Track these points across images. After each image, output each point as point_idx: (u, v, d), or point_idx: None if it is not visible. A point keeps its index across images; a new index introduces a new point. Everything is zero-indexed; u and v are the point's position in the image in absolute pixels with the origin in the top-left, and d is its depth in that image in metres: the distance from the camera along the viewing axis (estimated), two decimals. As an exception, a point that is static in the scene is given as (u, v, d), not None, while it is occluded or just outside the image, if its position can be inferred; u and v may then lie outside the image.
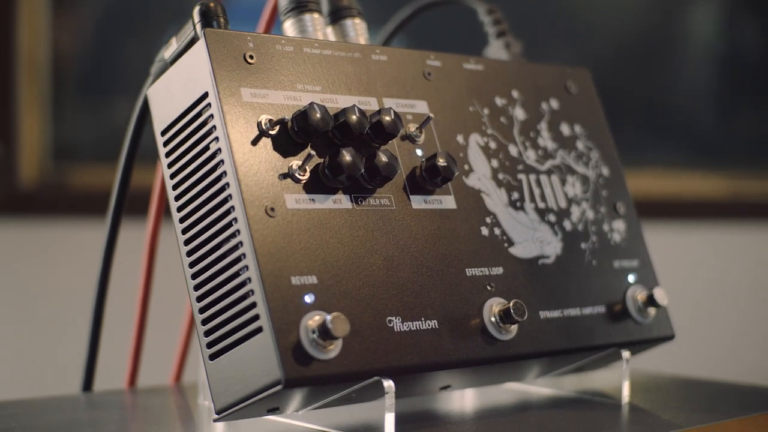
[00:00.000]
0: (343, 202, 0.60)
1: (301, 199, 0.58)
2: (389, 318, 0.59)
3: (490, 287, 0.64)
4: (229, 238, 0.57)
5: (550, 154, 0.72)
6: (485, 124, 0.69)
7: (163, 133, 0.62)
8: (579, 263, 0.70)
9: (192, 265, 0.60)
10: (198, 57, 0.59)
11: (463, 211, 0.65)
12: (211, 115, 0.58)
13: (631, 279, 0.72)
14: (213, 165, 0.58)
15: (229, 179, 0.57)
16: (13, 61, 1.75)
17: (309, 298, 0.56)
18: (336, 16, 0.70)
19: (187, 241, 0.60)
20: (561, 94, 0.75)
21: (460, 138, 0.68)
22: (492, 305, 0.63)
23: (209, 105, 0.59)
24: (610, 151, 0.76)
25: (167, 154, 0.62)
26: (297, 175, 0.59)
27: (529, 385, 0.75)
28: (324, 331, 0.55)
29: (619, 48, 2.25)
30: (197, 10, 0.62)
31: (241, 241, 0.56)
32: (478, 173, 0.67)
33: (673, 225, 2.11)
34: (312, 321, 0.55)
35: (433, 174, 0.63)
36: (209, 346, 0.58)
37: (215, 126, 0.58)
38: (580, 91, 0.76)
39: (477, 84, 0.70)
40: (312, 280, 0.57)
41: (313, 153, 0.59)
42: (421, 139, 0.65)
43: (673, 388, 0.79)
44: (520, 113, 0.72)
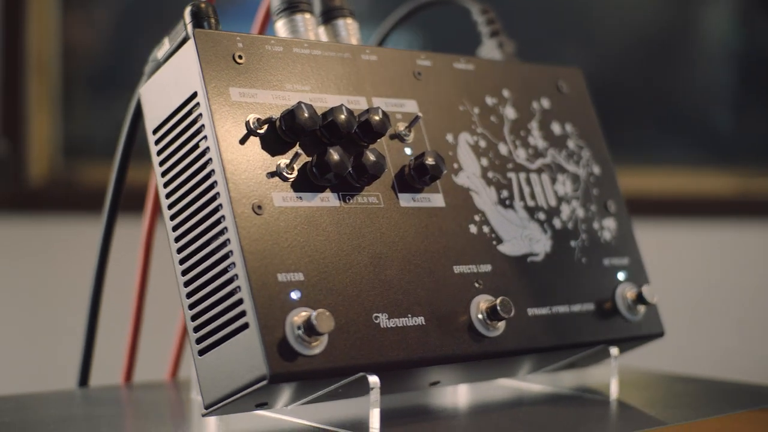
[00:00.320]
0: (331, 200, 0.61)
1: (288, 197, 0.59)
2: (375, 314, 0.60)
3: (478, 284, 0.65)
4: (217, 235, 0.58)
5: (541, 153, 0.73)
6: (475, 123, 0.70)
7: (154, 131, 0.63)
8: (568, 261, 0.70)
9: (182, 262, 0.61)
10: (188, 57, 0.60)
11: (452, 209, 0.66)
12: (200, 114, 0.59)
13: (621, 277, 0.73)
14: (202, 163, 0.59)
15: (217, 177, 0.58)
16: (23, 58, 1.76)
17: (295, 295, 0.57)
18: (328, 17, 0.70)
19: (177, 239, 0.61)
20: (552, 93, 0.76)
21: (449, 137, 0.68)
22: (479, 302, 0.64)
23: (198, 104, 0.60)
24: (601, 150, 0.77)
25: (158, 152, 0.63)
26: (285, 173, 0.59)
27: (520, 382, 0.75)
28: (309, 327, 0.56)
29: (632, 46, 2.25)
30: (188, 10, 0.63)
31: (229, 239, 0.57)
32: (468, 172, 0.68)
33: (685, 223, 2.11)
34: (298, 317, 0.56)
35: (421, 172, 0.64)
36: (198, 341, 0.59)
37: (204, 125, 0.59)
38: (571, 91, 0.77)
39: (467, 83, 0.71)
40: (298, 277, 0.58)
41: (300, 152, 0.60)
42: (410, 138, 0.66)
43: (663, 385, 0.80)
44: (510, 112, 0.72)
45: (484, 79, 0.72)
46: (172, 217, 0.61)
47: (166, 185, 0.62)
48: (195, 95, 0.60)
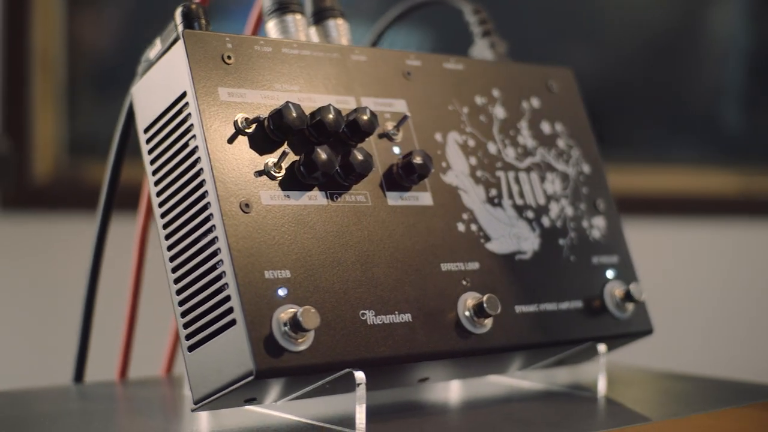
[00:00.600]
0: (319, 198, 0.62)
1: (276, 196, 0.60)
2: (362, 311, 0.60)
3: (465, 282, 0.66)
4: (205, 233, 0.59)
5: (530, 152, 0.74)
6: (464, 122, 0.71)
7: (145, 131, 0.64)
8: (557, 259, 0.71)
9: (172, 259, 0.62)
10: (177, 57, 0.61)
11: (440, 208, 0.67)
12: (189, 113, 0.60)
13: (609, 275, 0.73)
14: (191, 162, 0.60)
15: (205, 176, 0.59)
16: (28, 57, 1.77)
17: (282, 292, 0.58)
18: (319, 17, 0.71)
19: (167, 236, 0.62)
20: (542, 93, 0.76)
21: (438, 136, 0.69)
22: (467, 299, 0.65)
23: (187, 104, 0.60)
24: (590, 149, 0.77)
25: (149, 151, 0.64)
26: (272, 172, 0.60)
27: (510, 379, 0.76)
28: (295, 324, 0.56)
29: (641, 45, 2.25)
30: (179, 11, 0.64)
31: (217, 237, 0.58)
32: (456, 170, 0.69)
33: (696, 221, 2.12)
34: (284, 314, 0.57)
35: (409, 171, 0.65)
36: (188, 338, 0.60)
37: (193, 124, 0.60)
38: (562, 90, 0.78)
39: (457, 83, 0.72)
40: (285, 274, 0.59)
41: (288, 150, 0.61)
42: (398, 138, 0.67)
43: (652, 382, 0.81)
44: (500, 112, 0.73)
45: (474, 78, 0.73)
46: (163, 215, 0.62)
47: (156, 184, 0.63)
48: (184, 95, 0.61)
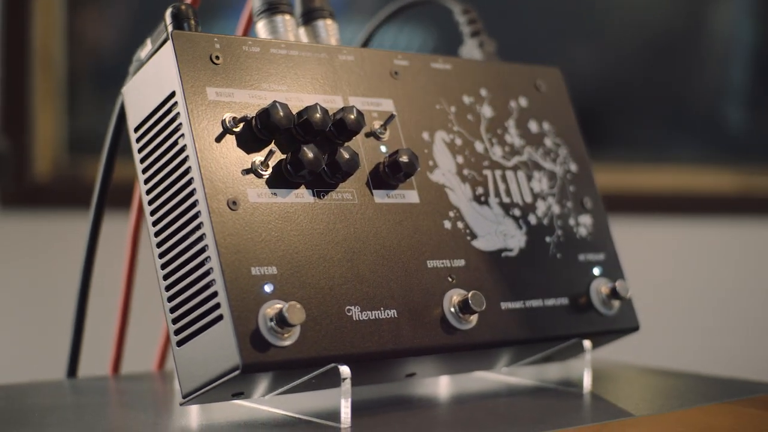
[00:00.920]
0: (305, 196, 0.63)
1: (263, 194, 0.61)
2: (348, 307, 0.61)
3: (451, 279, 0.67)
4: (194, 230, 0.60)
5: (517, 151, 0.74)
6: (452, 121, 0.72)
7: (136, 129, 0.65)
8: (543, 256, 0.72)
9: (161, 256, 0.63)
10: (166, 58, 0.62)
11: (427, 206, 0.68)
12: (178, 113, 0.61)
13: (596, 272, 0.74)
14: (179, 161, 0.61)
15: (193, 174, 0.60)
16: (28, 55, 1.78)
17: (268, 288, 0.59)
18: (308, 18, 0.72)
19: (156, 233, 0.63)
20: (530, 92, 0.77)
21: (425, 135, 0.70)
22: (452, 296, 0.66)
23: (176, 103, 0.61)
24: (578, 148, 0.78)
25: (139, 150, 0.65)
26: (259, 170, 0.61)
27: (498, 375, 0.77)
28: (281, 319, 0.57)
29: (643, 44, 2.26)
30: (169, 12, 0.65)
31: (205, 233, 0.59)
32: (443, 169, 0.70)
33: (692, 220, 2.13)
34: (270, 309, 0.58)
35: (395, 169, 0.66)
36: (176, 333, 0.61)
37: (181, 123, 0.61)
38: (550, 90, 0.79)
39: (444, 82, 0.73)
40: (272, 270, 0.60)
41: (275, 149, 0.62)
42: (385, 136, 0.68)
43: (639, 378, 0.81)
44: (487, 111, 0.74)
45: (462, 78, 0.74)
46: (152, 213, 0.63)
47: (146, 182, 0.64)
48: (173, 95, 0.62)
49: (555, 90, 0.79)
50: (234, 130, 0.61)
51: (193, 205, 0.60)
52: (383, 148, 0.67)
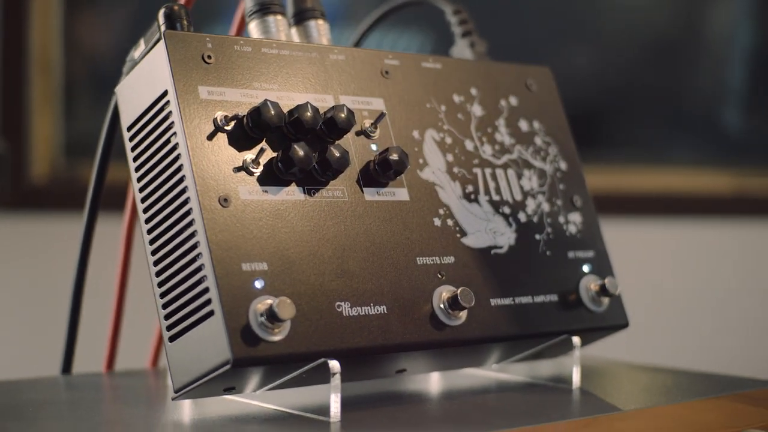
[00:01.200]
0: (296, 193, 0.63)
1: (254, 191, 0.62)
2: (338, 303, 0.62)
3: (440, 275, 0.67)
4: (185, 227, 0.61)
5: (507, 149, 0.75)
6: (442, 120, 0.73)
7: (129, 128, 0.66)
8: (533, 253, 0.73)
9: (153, 252, 0.63)
10: (159, 57, 0.63)
11: (416, 203, 0.68)
12: (170, 111, 0.62)
13: (585, 269, 0.75)
14: (172, 158, 0.62)
15: (185, 172, 0.61)
16: (26, 58, 1.79)
17: (259, 284, 0.60)
18: (299, 18, 0.73)
19: (149, 231, 0.64)
20: (521, 91, 0.78)
21: (415, 133, 0.71)
22: (442, 292, 0.66)
23: (168, 102, 0.62)
24: (568, 146, 0.79)
25: (132, 148, 0.66)
26: (251, 168, 0.62)
27: (488, 371, 0.78)
28: (271, 315, 0.58)
29: (641, 46, 2.27)
30: (162, 12, 0.66)
31: (196, 230, 0.60)
32: (433, 167, 0.71)
33: (692, 220, 2.14)
34: (261, 305, 0.59)
35: (385, 167, 0.67)
36: (168, 328, 0.62)
37: (174, 122, 0.62)
38: (540, 89, 0.79)
39: (435, 82, 0.74)
40: (262, 266, 0.60)
41: (266, 147, 0.63)
42: (376, 135, 0.69)
43: (629, 375, 0.82)
44: (477, 110, 0.75)
45: (452, 77, 0.75)
46: (145, 210, 0.64)
47: (139, 180, 0.65)
48: (165, 93, 0.63)
49: (545, 89, 0.80)
50: (225, 128, 0.62)
51: (185, 202, 0.61)
52: (373, 147, 0.68)
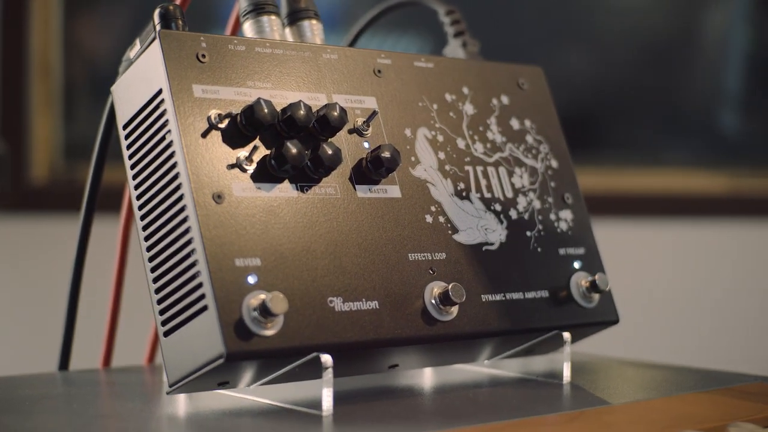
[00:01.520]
0: (289, 190, 0.64)
1: (247, 188, 0.63)
2: (330, 298, 0.63)
3: (432, 271, 0.68)
4: (180, 223, 0.62)
5: (499, 147, 0.76)
6: (434, 118, 0.74)
7: (124, 127, 0.67)
8: (524, 250, 0.74)
9: (149, 249, 0.64)
10: (154, 56, 0.64)
11: (408, 200, 0.69)
12: (165, 109, 0.63)
13: (576, 266, 0.76)
14: (166, 156, 0.63)
15: (179, 169, 0.62)
16: (26, 61, 1.80)
17: (252, 279, 0.61)
18: (293, 18, 0.74)
19: (144, 227, 0.65)
20: (512, 90, 0.79)
21: (408, 131, 0.72)
22: (433, 288, 0.67)
23: (163, 100, 0.63)
24: (559, 145, 0.80)
25: (128, 146, 0.67)
26: (244, 165, 0.63)
27: (482, 367, 0.78)
28: (264, 309, 0.59)
29: (638, 48, 2.27)
30: (157, 12, 0.67)
31: (190, 226, 0.61)
32: (425, 164, 0.72)
33: (687, 221, 2.15)
34: (254, 300, 0.60)
35: (377, 165, 0.68)
36: (163, 323, 0.63)
37: (168, 120, 0.63)
38: (531, 88, 0.80)
39: (427, 81, 0.74)
40: (255, 262, 0.61)
41: (259, 145, 0.63)
42: (368, 133, 0.70)
43: (621, 370, 0.83)
44: (469, 108, 0.76)
45: (444, 76, 0.76)
46: (140, 207, 0.65)
47: (134, 177, 0.66)
48: (160, 92, 0.64)
49: (537, 88, 0.81)
50: (219, 126, 0.63)
51: (180, 198, 0.62)
52: (366, 144, 0.69)
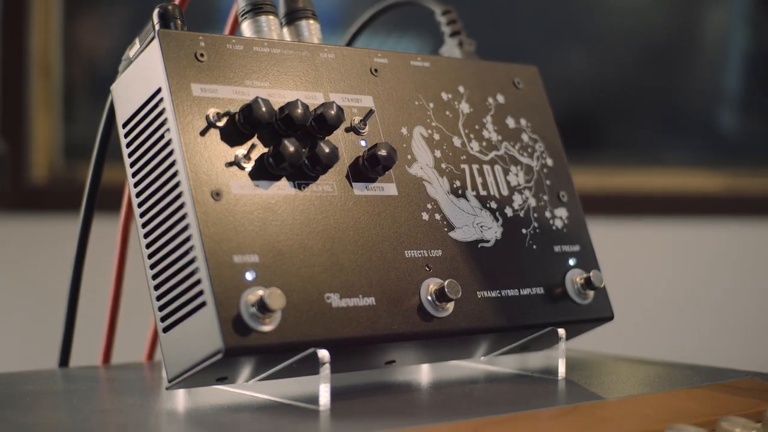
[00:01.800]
0: (287, 188, 0.65)
1: (245, 185, 0.64)
2: (327, 294, 0.64)
3: (428, 268, 0.69)
4: (179, 220, 0.63)
5: (495, 146, 0.77)
6: (430, 117, 0.74)
7: (124, 125, 0.68)
8: (519, 247, 0.75)
9: (148, 246, 0.65)
10: (153, 55, 0.65)
11: (405, 198, 0.70)
12: (164, 108, 0.64)
13: (571, 263, 0.77)
14: (165, 154, 0.64)
15: (178, 166, 0.63)
16: (26, 61, 1.81)
17: (250, 275, 0.61)
18: (291, 18, 0.75)
19: (143, 225, 0.66)
20: (508, 89, 0.80)
21: (404, 130, 0.73)
22: (429, 284, 0.68)
23: (162, 99, 0.64)
24: (555, 143, 0.81)
25: (128, 144, 0.67)
26: (242, 163, 0.64)
27: (479, 364, 0.79)
28: (262, 305, 0.60)
29: (638, 48, 2.28)
30: (156, 12, 0.68)
31: (189, 223, 0.62)
32: (421, 162, 0.72)
33: (686, 220, 2.16)
34: (252, 296, 0.61)
35: (373, 163, 0.68)
36: (162, 319, 0.64)
37: (167, 118, 0.64)
38: (527, 87, 0.81)
39: (423, 80, 0.75)
40: (253, 258, 0.62)
41: (257, 143, 0.64)
42: (365, 131, 0.70)
43: (616, 366, 0.84)
44: (465, 107, 0.77)
45: (440, 75, 0.76)
46: (140, 205, 0.66)
47: (134, 175, 0.67)
48: (159, 90, 0.64)
49: (533, 88, 0.82)
50: (218, 124, 0.64)
51: (179, 196, 0.63)
52: (363, 143, 0.70)
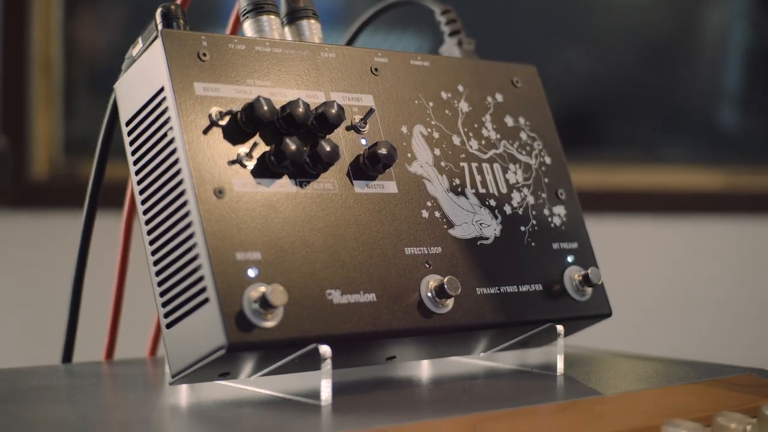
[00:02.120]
0: (288, 186, 0.66)
1: (248, 183, 0.65)
2: (329, 291, 0.65)
3: (428, 265, 0.70)
4: (182, 218, 0.64)
5: (494, 144, 0.78)
6: (430, 115, 0.75)
7: (127, 124, 0.69)
8: (518, 244, 0.75)
9: (151, 243, 0.66)
10: (156, 55, 0.66)
11: (405, 195, 0.71)
12: (167, 107, 0.65)
13: (569, 260, 0.77)
14: (168, 152, 0.65)
15: (181, 165, 0.63)
16: (27, 58, 1.82)
17: (252, 272, 0.62)
18: (292, 17, 0.75)
19: (147, 222, 0.66)
20: (507, 88, 0.81)
21: (404, 128, 0.73)
22: (429, 281, 0.69)
23: (165, 98, 0.65)
24: (553, 142, 0.81)
25: (131, 143, 0.68)
26: (244, 161, 0.65)
27: (479, 360, 0.80)
28: (264, 301, 0.61)
29: (638, 46, 2.29)
30: (159, 11, 0.68)
31: (192, 221, 0.63)
32: (421, 161, 0.73)
33: (685, 218, 2.16)
34: (254, 292, 0.61)
35: (374, 161, 0.69)
36: (166, 316, 0.64)
37: (170, 117, 0.64)
38: (525, 86, 0.82)
39: (423, 79, 0.76)
40: (256, 256, 0.63)
41: (259, 141, 0.65)
42: (365, 130, 0.71)
43: (615, 363, 0.85)
44: (464, 106, 0.77)
45: (440, 74, 0.77)
46: (143, 203, 0.67)
47: (137, 173, 0.67)
48: (162, 90, 0.65)
49: (531, 86, 0.82)
50: (220, 123, 0.65)
51: (182, 194, 0.63)
52: (363, 141, 0.71)
